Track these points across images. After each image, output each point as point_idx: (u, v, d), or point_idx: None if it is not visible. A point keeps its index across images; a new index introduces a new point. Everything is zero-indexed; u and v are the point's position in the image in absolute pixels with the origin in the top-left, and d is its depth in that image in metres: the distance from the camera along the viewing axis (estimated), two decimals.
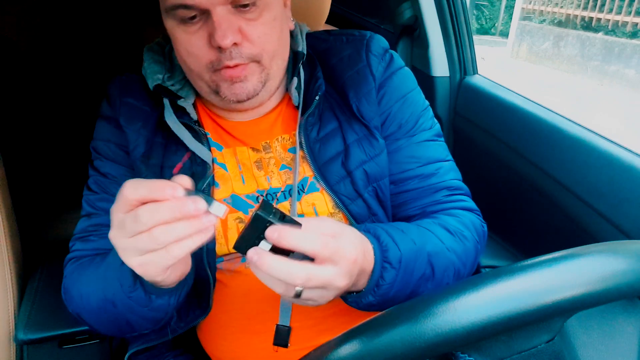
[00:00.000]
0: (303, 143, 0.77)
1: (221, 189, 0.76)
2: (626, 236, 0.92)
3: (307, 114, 0.77)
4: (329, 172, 0.76)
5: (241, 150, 0.79)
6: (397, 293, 0.65)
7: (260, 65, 0.71)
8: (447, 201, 0.79)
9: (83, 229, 0.78)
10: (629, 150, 0.96)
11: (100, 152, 0.80)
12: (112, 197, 0.77)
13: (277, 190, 0.77)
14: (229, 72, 0.69)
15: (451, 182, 0.81)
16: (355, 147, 0.77)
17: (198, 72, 0.71)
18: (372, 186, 0.78)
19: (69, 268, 0.76)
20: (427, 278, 0.69)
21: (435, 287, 0.70)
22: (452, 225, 0.75)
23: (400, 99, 0.82)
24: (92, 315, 0.71)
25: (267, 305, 0.75)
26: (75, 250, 0.77)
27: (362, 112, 0.78)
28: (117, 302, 0.65)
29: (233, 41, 0.66)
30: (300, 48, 0.80)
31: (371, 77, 0.80)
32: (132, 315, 0.66)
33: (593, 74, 5.98)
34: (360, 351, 0.41)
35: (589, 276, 0.41)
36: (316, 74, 0.80)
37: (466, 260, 0.74)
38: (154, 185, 0.51)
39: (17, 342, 0.92)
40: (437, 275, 0.70)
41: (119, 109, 0.79)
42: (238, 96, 0.71)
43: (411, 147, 0.81)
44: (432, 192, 0.79)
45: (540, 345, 0.45)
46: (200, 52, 0.69)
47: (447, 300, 0.41)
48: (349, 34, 0.85)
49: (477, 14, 8.78)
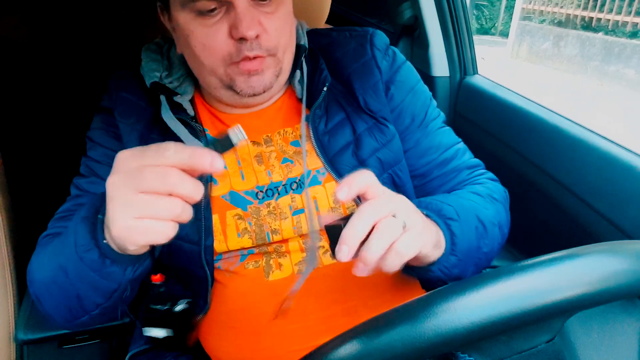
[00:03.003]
0: (311, 135, 0.77)
1: (219, 186, 0.76)
2: (626, 236, 0.92)
3: (315, 106, 0.77)
4: (339, 163, 0.77)
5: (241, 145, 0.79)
6: (469, 247, 0.67)
7: (275, 58, 0.72)
8: (471, 177, 0.83)
9: (64, 209, 0.77)
10: (629, 150, 0.96)
11: (95, 140, 0.80)
12: (101, 180, 0.77)
13: (278, 184, 0.77)
14: (247, 65, 0.70)
15: (470, 161, 0.85)
16: (366, 136, 0.78)
17: (212, 66, 0.71)
18: (388, 173, 0.79)
19: (38, 246, 0.72)
20: (481, 233, 0.71)
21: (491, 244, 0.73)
22: (481, 191, 0.78)
23: (410, 92, 0.84)
24: (45, 292, 0.66)
25: (266, 305, 0.75)
26: (50, 228, 0.75)
27: (369, 104, 0.79)
28: (68, 268, 0.60)
29: (256, 33, 0.67)
30: (302, 42, 0.82)
31: (377, 69, 0.81)
32: (82, 284, 0.61)
33: (593, 73, 5.98)
34: (360, 351, 0.41)
35: (589, 276, 0.41)
36: (320, 66, 0.81)
37: (502, 218, 0.77)
38: (196, 152, 0.48)
39: (17, 342, 0.92)
40: (489, 230, 0.72)
41: (114, 102, 0.79)
42: (255, 89, 0.72)
43: (428, 138, 0.83)
44: (457, 174, 0.83)
45: (540, 345, 0.45)
46: (218, 45, 0.69)
47: (447, 300, 0.41)
48: (351, 29, 0.87)
49: (477, 14, 8.77)
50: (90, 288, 0.61)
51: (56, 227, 0.75)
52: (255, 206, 0.76)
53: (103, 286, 0.61)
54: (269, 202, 0.76)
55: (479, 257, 0.71)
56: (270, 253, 0.76)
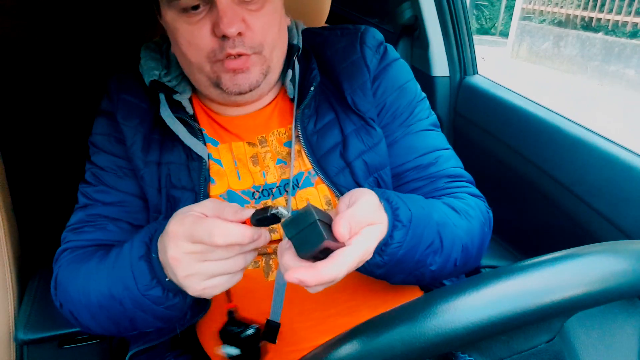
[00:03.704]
0: (300, 135, 0.77)
1: (217, 185, 0.76)
2: (626, 236, 0.92)
3: (303, 106, 0.77)
4: (327, 164, 0.76)
5: (237, 146, 0.79)
6: (404, 256, 0.63)
7: (261, 56, 0.72)
8: (448, 187, 0.78)
9: (78, 220, 0.77)
10: (628, 150, 0.96)
11: (99, 146, 0.80)
12: (109, 189, 0.78)
13: (272, 185, 0.77)
14: (232, 64, 0.69)
15: (452, 170, 0.80)
16: (353, 138, 0.77)
17: (198, 63, 0.71)
18: (373, 176, 0.77)
19: (62, 260, 0.74)
20: (435, 249, 0.67)
21: (443, 263, 0.68)
22: (456, 205, 0.74)
23: (396, 90, 0.82)
24: (87, 312, 0.68)
25: (265, 305, 0.75)
26: (68, 241, 0.76)
27: (357, 104, 0.79)
28: (125, 300, 0.63)
29: (238, 30, 0.67)
30: (296, 41, 0.81)
31: (365, 68, 0.80)
32: (142, 314, 0.64)
33: (593, 73, 5.98)
34: (360, 351, 0.41)
35: (589, 276, 0.41)
36: (311, 65, 0.80)
37: (473, 239, 0.72)
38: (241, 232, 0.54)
39: (17, 342, 0.91)
40: (446, 248, 0.68)
41: (116, 105, 0.79)
42: (240, 87, 0.71)
43: (408, 138, 0.80)
44: (433, 180, 0.79)
45: (540, 345, 0.45)
46: (202, 42, 0.69)
47: (447, 300, 0.41)
48: (343, 27, 0.86)
49: (477, 14, 8.77)
50: (151, 317, 0.65)
51: (74, 241, 0.76)
52: (252, 205, 0.76)
53: (165, 315, 0.64)
54: (266, 202, 0.76)
55: (421, 272, 0.67)
56: (270, 253, 0.76)
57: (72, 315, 0.71)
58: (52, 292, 0.73)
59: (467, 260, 0.73)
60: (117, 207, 0.77)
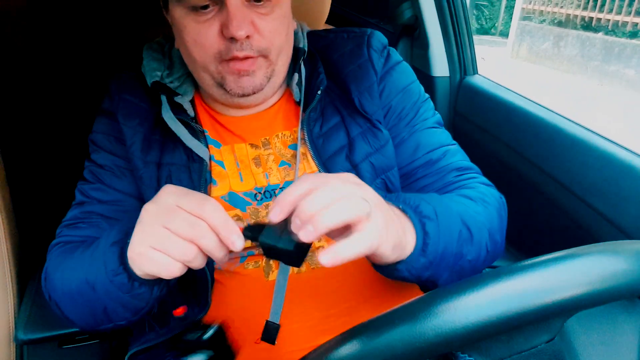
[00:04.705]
0: (306, 138, 0.77)
1: (218, 187, 0.76)
2: (626, 236, 0.92)
3: (309, 109, 0.77)
4: (333, 167, 0.76)
5: (239, 147, 0.79)
6: (445, 251, 0.61)
7: (267, 60, 0.72)
8: (459, 180, 0.78)
9: (73, 217, 0.78)
10: (628, 150, 0.96)
11: (99, 144, 0.80)
12: (106, 187, 0.78)
13: (275, 187, 0.77)
14: (237, 66, 0.69)
15: (460, 163, 0.80)
16: (359, 140, 0.77)
17: (203, 63, 0.71)
18: (381, 178, 0.78)
19: (53, 252, 0.74)
20: (466, 238, 0.65)
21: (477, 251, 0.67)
22: (471, 194, 0.74)
23: (401, 92, 0.83)
24: (68, 301, 0.68)
25: (265, 305, 0.75)
26: (62, 236, 0.76)
27: (364, 106, 0.79)
28: (97, 286, 0.62)
29: (247, 33, 0.67)
30: (302, 45, 0.81)
31: (373, 71, 0.81)
32: (111, 302, 0.63)
33: (593, 73, 5.98)
34: (360, 351, 0.41)
35: (589, 276, 0.41)
36: (317, 69, 0.81)
37: (494, 223, 0.72)
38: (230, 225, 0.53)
39: (17, 342, 0.92)
40: (475, 235, 0.67)
41: (117, 105, 0.79)
42: (244, 89, 0.72)
43: (415, 136, 0.81)
44: (442, 175, 0.79)
45: (540, 345, 0.45)
46: (209, 42, 0.69)
47: (447, 300, 0.41)
48: (349, 30, 0.86)
49: (477, 14, 8.77)
50: (119, 305, 0.64)
51: (67, 235, 0.76)
52: (254, 207, 0.76)
53: (132, 305, 0.63)
54: (268, 203, 0.76)
55: (460, 265, 0.65)
56: None
57: (57, 306, 0.71)
58: (42, 285, 0.73)
59: (495, 246, 0.72)
60: (113, 206, 0.77)
